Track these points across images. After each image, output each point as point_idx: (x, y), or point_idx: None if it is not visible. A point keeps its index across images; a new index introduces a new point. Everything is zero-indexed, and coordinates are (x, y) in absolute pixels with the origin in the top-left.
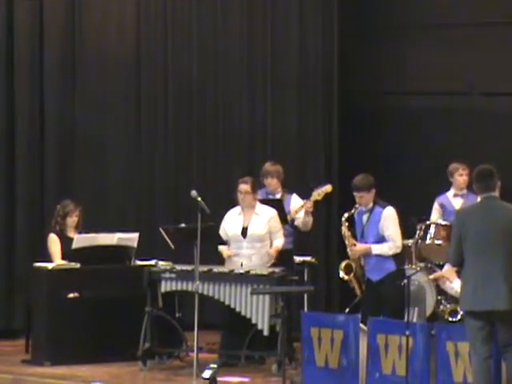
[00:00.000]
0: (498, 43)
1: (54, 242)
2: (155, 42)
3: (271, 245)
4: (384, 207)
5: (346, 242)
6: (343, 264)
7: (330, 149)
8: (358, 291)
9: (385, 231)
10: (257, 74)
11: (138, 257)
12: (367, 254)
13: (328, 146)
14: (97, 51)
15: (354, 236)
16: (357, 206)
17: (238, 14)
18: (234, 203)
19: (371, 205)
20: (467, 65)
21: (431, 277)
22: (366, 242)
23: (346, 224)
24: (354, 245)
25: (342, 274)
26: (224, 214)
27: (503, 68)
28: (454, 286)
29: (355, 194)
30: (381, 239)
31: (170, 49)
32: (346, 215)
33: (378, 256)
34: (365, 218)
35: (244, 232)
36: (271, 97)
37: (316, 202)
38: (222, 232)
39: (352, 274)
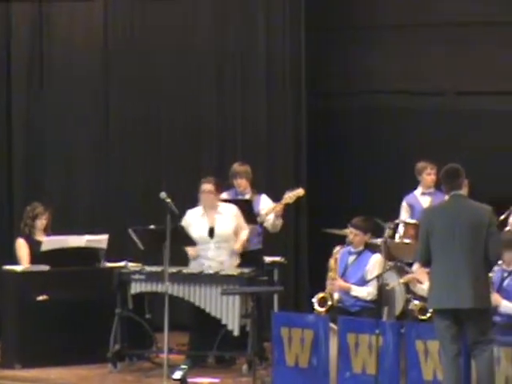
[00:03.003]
0: (460, 43)
1: (21, 247)
2: (123, 42)
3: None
4: (373, 253)
5: (329, 274)
6: (319, 296)
7: (298, 149)
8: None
9: (368, 276)
10: (226, 76)
11: (108, 258)
12: (345, 292)
13: (297, 146)
14: (63, 57)
15: None
16: (347, 241)
17: (207, 17)
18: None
19: (361, 248)
20: (435, 65)
21: (402, 280)
22: (345, 282)
23: (336, 257)
24: (336, 279)
25: (316, 306)
26: None
27: (468, 67)
28: (425, 287)
29: (351, 230)
30: (362, 284)
31: (138, 49)
32: (338, 248)
33: (355, 297)
34: (351, 258)
35: (211, 232)
36: (240, 98)
37: (287, 205)
38: None
39: (326, 308)
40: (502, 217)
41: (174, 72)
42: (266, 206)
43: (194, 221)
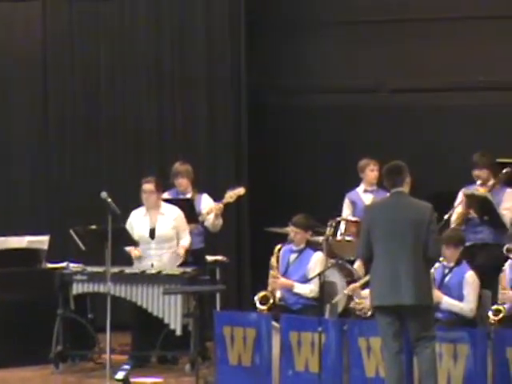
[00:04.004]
0: (404, 40)
1: None
2: (61, 42)
3: (178, 244)
4: (315, 251)
5: (271, 272)
6: (260, 295)
7: (239, 148)
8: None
9: (310, 274)
10: (165, 75)
11: (49, 259)
12: (287, 290)
13: (238, 145)
14: (1, 49)
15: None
16: (289, 239)
17: (145, 14)
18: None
19: (303, 246)
20: (374, 62)
21: (345, 291)
22: (287, 280)
23: (277, 255)
24: (278, 278)
25: (258, 304)
26: None
27: (408, 64)
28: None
29: (292, 228)
30: (304, 281)
31: (77, 49)
32: (279, 246)
33: (297, 294)
34: (292, 256)
35: (152, 233)
36: (180, 97)
37: (228, 204)
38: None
39: (268, 306)
40: (446, 216)
41: (113, 71)
42: (207, 205)
43: (137, 221)
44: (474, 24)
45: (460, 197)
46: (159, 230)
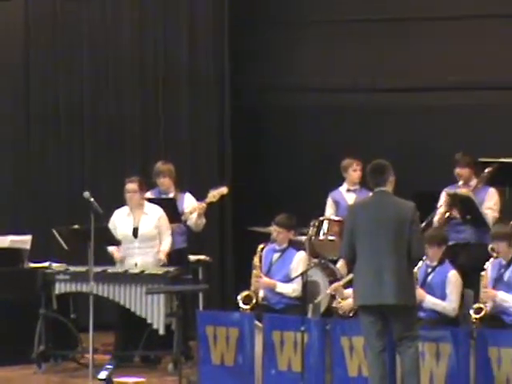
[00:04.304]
0: (385, 39)
1: None
2: (44, 42)
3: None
4: (297, 250)
5: (254, 272)
6: (243, 294)
7: (222, 147)
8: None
9: (293, 273)
10: (148, 74)
11: (32, 259)
12: (269, 289)
13: (221, 144)
14: None
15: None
16: (272, 239)
17: (129, 15)
18: (126, 203)
19: (285, 245)
20: (355, 61)
21: (328, 291)
22: (270, 279)
23: (260, 254)
24: (261, 277)
25: (241, 304)
26: None
27: (390, 64)
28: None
29: (275, 228)
30: (287, 281)
31: (59, 49)
32: (262, 245)
33: (280, 294)
34: (275, 256)
35: (135, 232)
36: (163, 96)
37: (211, 204)
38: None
39: (250, 305)
40: (429, 218)
41: (95, 71)
42: (189, 204)
43: (120, 220)
44: (454, 24)
45: (443, 196)
46: (142, 230)
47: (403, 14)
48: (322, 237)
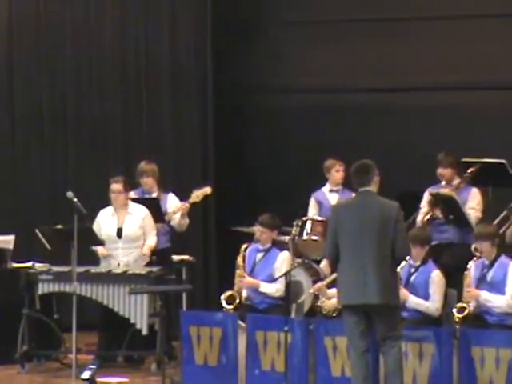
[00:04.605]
0: (368, 40)
1: None
2: (27, 41)
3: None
4: (281, 250)
5: (237, 271)
6: (226, 294)
7: (206, 147)
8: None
9: (276, 273)
10: (131, 74)
11: (15, 259)
12: (253, 289)
13: (204, 144)
14: None
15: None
16: (255, 239)
17: (111, 15)
18: (109, 203)
19: (269, 245)
20: (339, 61)
21: (311, 291)
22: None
23: (243, 254)
24: (244, 277)
25: (224, 304)
26: None
27: (373, 64)
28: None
29: (259, 228)
30: (270, 281)
31: (42, 48)
32: (245, 245)
33: (263, 293)
34: (259, 256)
35: (119, 233)
36: (146, 96)
37: (194, 204)
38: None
39: (234, 305)
40: (412, 218)
41: (79, 71)
42: (173, 204)
43: (104, 220)
44: (436, 24)
45: (425, 196)
46: (127, 230)
47: (387, 14)
48: (305, 237)
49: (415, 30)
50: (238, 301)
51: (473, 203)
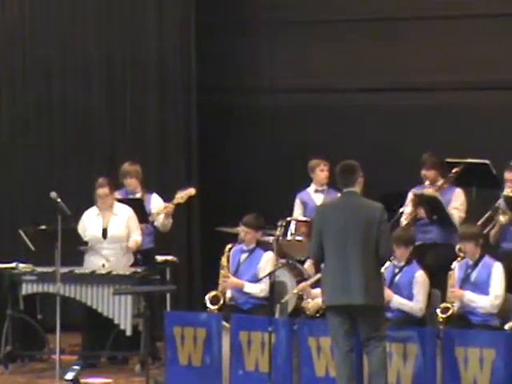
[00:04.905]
0: (350, 40)
1: None
2: (12, 42)
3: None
4: (265, 250)
5: (221, 272)
6: (211, 294)
7: (190, 148)
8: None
9: (260, 273)
10: (116, 75)
11: None
12: (237, 290)
13: (188, 144)
14: None
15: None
16: (240, 239)
17: (96, 12)
18: (94, 203)
19: (253, 245)
20: (323, 61)
21: (295, 291)
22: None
23: (227, 254)
24: (228, 277)
25: (208, 304)
26: None
27: (357, 64)
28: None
29: (243, 228)
30: (255, 281)
31: (28, 49)
32: (229, 246)
33: (247, 294)
34: (243, 256)
35: (104, 233)
36: (130, 98)
37: (178, 205)
38: (81, 233)
39: (218, 306)
40: (395, 217)
41: (64, 72)
42: (156, 204)
43: (89, 220)
44: (417, 24)
45: (409, 197)
46: (112, 230)
47: (371, 15)
48: (289, 237)
49: (402, 31)
50: (222, 301)
51: (456, 203)
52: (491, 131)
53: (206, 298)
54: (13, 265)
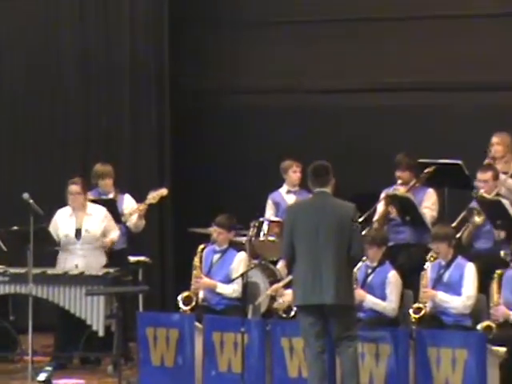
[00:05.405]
0: (323, 40)
1: None
2: None
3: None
4: (238, 251)
5: (194, 272)
6: (183, 295)
7: (162, 148)
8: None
9: (233, 274)
10: (90, 74)
11: None
12: (210, 290)
13: (161, 145)
14: None
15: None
16: (212, 239)
17: (70, 12)
18: (67, 203)
19: (226, 246)
20: (300, 62)
21: (268, 292)
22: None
23: (200, 255)
24: (201, 278)
25: (181, 305)
26: None
27: (330, 64)
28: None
29: (215, 228)
30: (227, 282)
31: (1, 47)
32: (202, 246)
33: (220, 294)
34: (216, 257)
35: (78, 233)
36: (103, 97)
37: (150, 205)
38: (53, 232)
39: (191, 306)
40: (365, 215)
41: (37, 68)
42: (129, 205)
43: (62, 220)
44: (396, 25)
45: (382, 197)
46: (86, 231)
47: (341, 15)
48: (262, 237)
49: (378, 31)
50: (194, 302)
51: (428, 203)
52: (465, 132)
53: (179, 298)
54: None
